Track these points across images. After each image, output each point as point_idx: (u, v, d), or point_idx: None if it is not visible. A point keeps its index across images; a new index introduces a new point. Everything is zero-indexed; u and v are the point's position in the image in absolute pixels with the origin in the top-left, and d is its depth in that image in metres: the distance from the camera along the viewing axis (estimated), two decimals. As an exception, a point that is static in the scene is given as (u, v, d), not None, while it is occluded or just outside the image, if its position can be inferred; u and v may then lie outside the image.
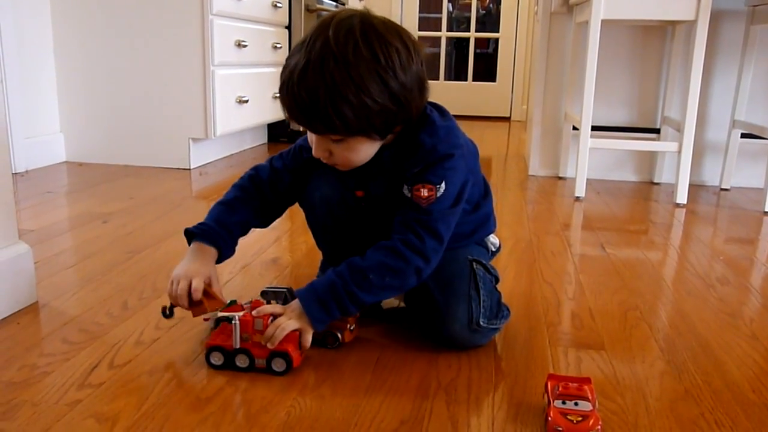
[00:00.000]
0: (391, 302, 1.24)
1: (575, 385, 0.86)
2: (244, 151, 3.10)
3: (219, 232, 1.08)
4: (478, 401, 0.91)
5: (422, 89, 0.97)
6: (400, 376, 0.97)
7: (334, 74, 0.88)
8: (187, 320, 1.15)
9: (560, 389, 0.85)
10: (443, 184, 0.98)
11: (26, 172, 2.40)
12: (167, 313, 1.07)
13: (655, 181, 2.64)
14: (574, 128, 2.57)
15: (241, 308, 1.11)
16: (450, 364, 1.02)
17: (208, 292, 1.04)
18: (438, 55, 5.13)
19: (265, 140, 3.42)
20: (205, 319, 1.10)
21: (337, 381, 0.95)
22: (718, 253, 1.69)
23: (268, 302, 1.05)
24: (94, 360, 1.00)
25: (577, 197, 2.28)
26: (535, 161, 2.76)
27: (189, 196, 2.19)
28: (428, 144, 0.99)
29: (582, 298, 1.32)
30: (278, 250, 1.58)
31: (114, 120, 2.58)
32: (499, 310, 1.07)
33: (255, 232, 1.14)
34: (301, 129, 1.04)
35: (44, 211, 1.89)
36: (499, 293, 1.10)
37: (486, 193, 1.15)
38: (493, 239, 1.21)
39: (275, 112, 3.12)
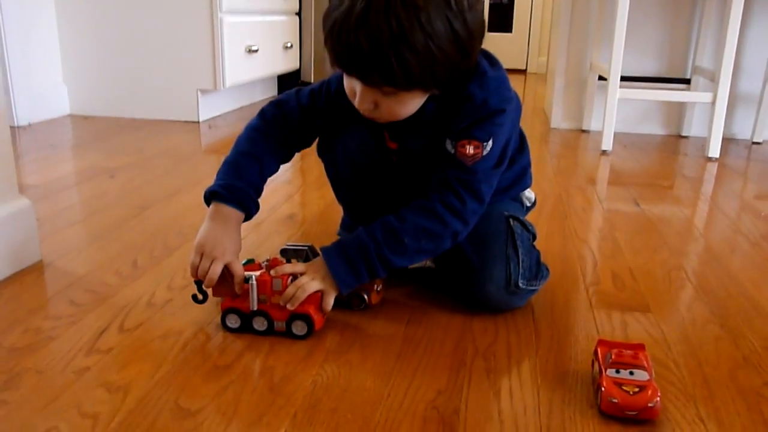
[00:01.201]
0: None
1: (630, 352, 0.78)
2: (254, 103, 2.99)
3: (245, 191, 0.96)
4: (520, 369, 0.84)
5: (483, 36, 0.87)
6: (433, 341, 0.90)
7: (401, 18, 0.76)
8: (201, 280, 1.07)
9: (613, 357, 0.77)
10: (490, 142, 0.89)
11: (29, 125, 2.31)
12: (200, 298, 0.94)
13: (683, 134, 2.52)
14: (600, 78, 2.44)
15: (259, 267, 1.04)
16: (486, 328, 0.94)
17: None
18: (452, 4, 4.93)
19: (276, 92, 3.30)
20: (220, 279, 1.02)
21: (365, 346, 0.88)
22: (758, 209, 1.60)
23: (288, 261, 0.98)
24: (103, 323, 0.93)
25: (604, 151, 2.18)
26: (557, 114, 2.64)
27: (198, 149, 2.11)
28: (479, 97, 0.89)
29: (621, 256, 1.24)
30: (293, 206, 1.50)
31: (119, 71, 2.48)
32: (538, 270, 0.99)
33: (267, 187, 1.03)
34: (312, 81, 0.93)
35: (48, 165, 1.81)
36: (538, 252, 1.02)
37: (522, 146, 1.06)
38: (528, 194, 1.12)
39: (287, 63, 3.00)
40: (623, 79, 2.16)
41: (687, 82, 2.49)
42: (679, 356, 0.87)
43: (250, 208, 0.97)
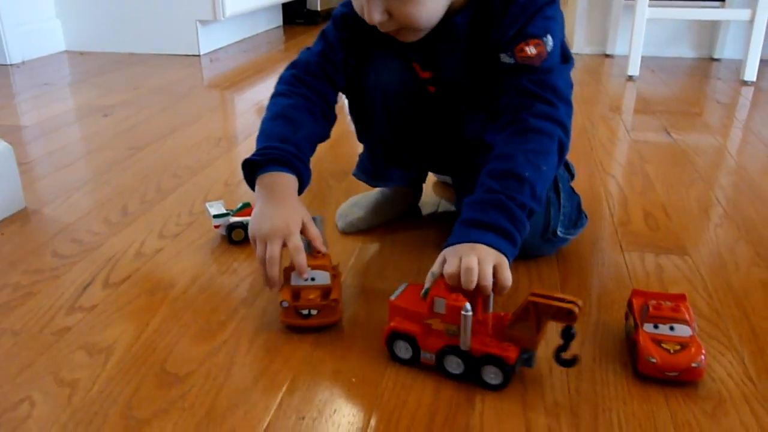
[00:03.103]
0: (429, 207, 1.07)
1: (669, 304, 0.68)
2: (257, 35, 2.85)
3: (293, 153, 0.78)
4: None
5: None
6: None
7: None
8: (194, 226, 0.99)
9: (651, 310, 0.68)
10: (549, 37, 0.76)
11: (22, 63, 2.20)
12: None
13: (716, 56, 2.36)
14: (626, -2, 2.27)
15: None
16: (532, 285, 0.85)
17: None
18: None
19: (280, 22, 3.15)
20: (216, 227, 0.94)
21: (370, 301, 0.80)
22: (801, 136, 1.47)
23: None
24: (87, 277, 0.85)
25: (630, 76, 2.03)
26: (580, 37, 2.47)
27: (199, 84, 1.99)
28: None
29: (652, 192, 1.13)
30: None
31: (115, 4, 2.34)
32: (578, 218, 0.90)
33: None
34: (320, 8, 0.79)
35: (40, 105, 1.72)
36: (579, 197, 0.91)
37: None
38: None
39: (290, -10, 2.84)
40: (652, -3, 1.99)
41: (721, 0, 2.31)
42: (723, 305, 0.78)
43: (302, 174, 0.79)
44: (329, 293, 0.72)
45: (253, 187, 0.79)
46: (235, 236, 0.93)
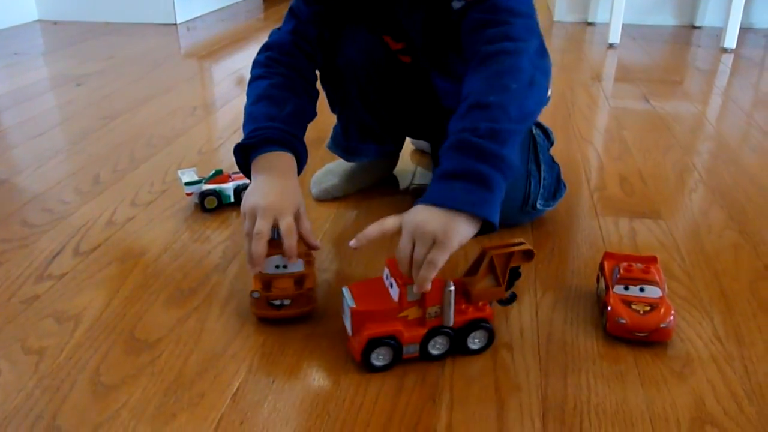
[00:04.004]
0: (406, 174, 1.06)
1: (640, 266, 0.69)
2: (236, 3, 2.80)
3: (284, 129, 0.74)
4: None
5: None
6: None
7: None
8: (167, 194, 0.98)
9: (621, 271, 0.68)
10: None
11: (-6, 32, 2.16)
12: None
13: (697, 24, 2.35)
14: (609, -36, 2.25)
15: (229, 178, 0.94)
16: (478, 240, 0.84)
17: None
18: None
19: (260, -9, 3.09)
20: (188, 194, 0.93)
21: (351, 265, 0.80)
22: (778, 102, 1.48)
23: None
24: (57, 246, 0.84)
25: (611, 44, 2.02)
26: (561, 5, 2.45)
27: (175, 53, 1.96)
28: None
29: (629, 158, 1.13)
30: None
31: (87, -30, 2.29)
32: (557, 188, 0.89)
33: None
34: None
35: (12, 74, 1.68)
36: (559, 166, 0.91)
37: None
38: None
39: (268, -42, 2.78)
40: (634, -37, 1.98)
41: (703, -34, 2.29)
42: (694, 267, 0.79)
43: (299, 152, 0.75)
44: (303, 281, 0.69)
45: (249, 175, 0.73)
46: (208, 204, 0.92)
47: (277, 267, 0.69)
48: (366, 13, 0.82)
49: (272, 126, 0.73)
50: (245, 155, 0.74)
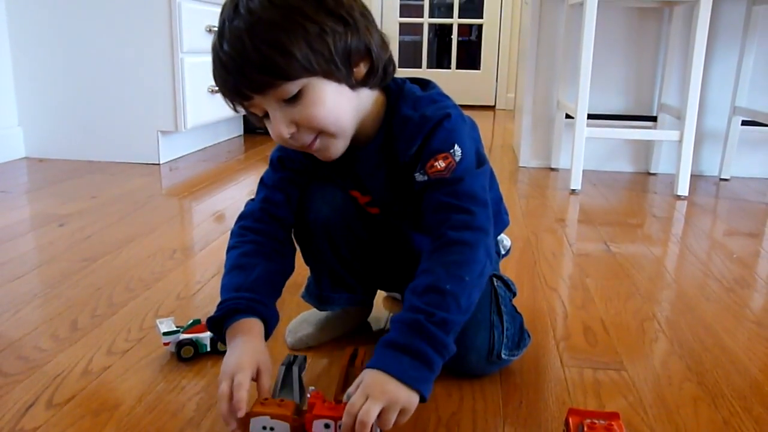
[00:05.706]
0: (379, 321, 1.10)
1: (603, 423, 0.72)
2: (218, 143, 2.93)
3: (249, 298, 0.81)
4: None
5: (371, 23, 0.78)
6: (393, 410, 0.83)
7: (256, 13, 0.72)
8: (144, 342, 1.00)
9: (585, 429, 0.71)
10: (456, 147, 0.78)
11: (-20, 169, 2.22)
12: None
13: (652, 171, 2.52)
14: (567, 116, 2.43)
15: (206, 328, 0.96)
16: (450, 393, 0.87)
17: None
18: (420, 42, 4.96)
19: (241, 131, 3.25)
20: (165, 344, 0.95)
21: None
22: (729, 249, 1.57)
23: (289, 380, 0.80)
24: (31, 397, 0.84)
25: (573, 190, 2.15)
26: (526, 152, 2.62)
27: (158, 193, 2.03)
28: (415, 116, 0.80)
29: (592, 306, 1.19)
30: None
31: (77, 112, 2.40)
32: (521, 338, 0.93)
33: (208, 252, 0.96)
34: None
35: (-5, 213, 1.72)
36: (521, 316, 0.95)
37: (491, 180, 0.93)
38: (504, 239, 1.06)
39: (251, 103, 2.94)
40: (590, 116, 2.14)
41: (653, 119, 2.49)
42: (656, 421, 0.82)
43: (263, 314, 0.82)
44: None
45: (222, 341, 0.82)
46: (184, 353, 0.94)
47: (264, 428, 0.70)
48: (331, 173, 0.90)
49: (236, 296, 0.81)
50: (219, 328, 0.81)
